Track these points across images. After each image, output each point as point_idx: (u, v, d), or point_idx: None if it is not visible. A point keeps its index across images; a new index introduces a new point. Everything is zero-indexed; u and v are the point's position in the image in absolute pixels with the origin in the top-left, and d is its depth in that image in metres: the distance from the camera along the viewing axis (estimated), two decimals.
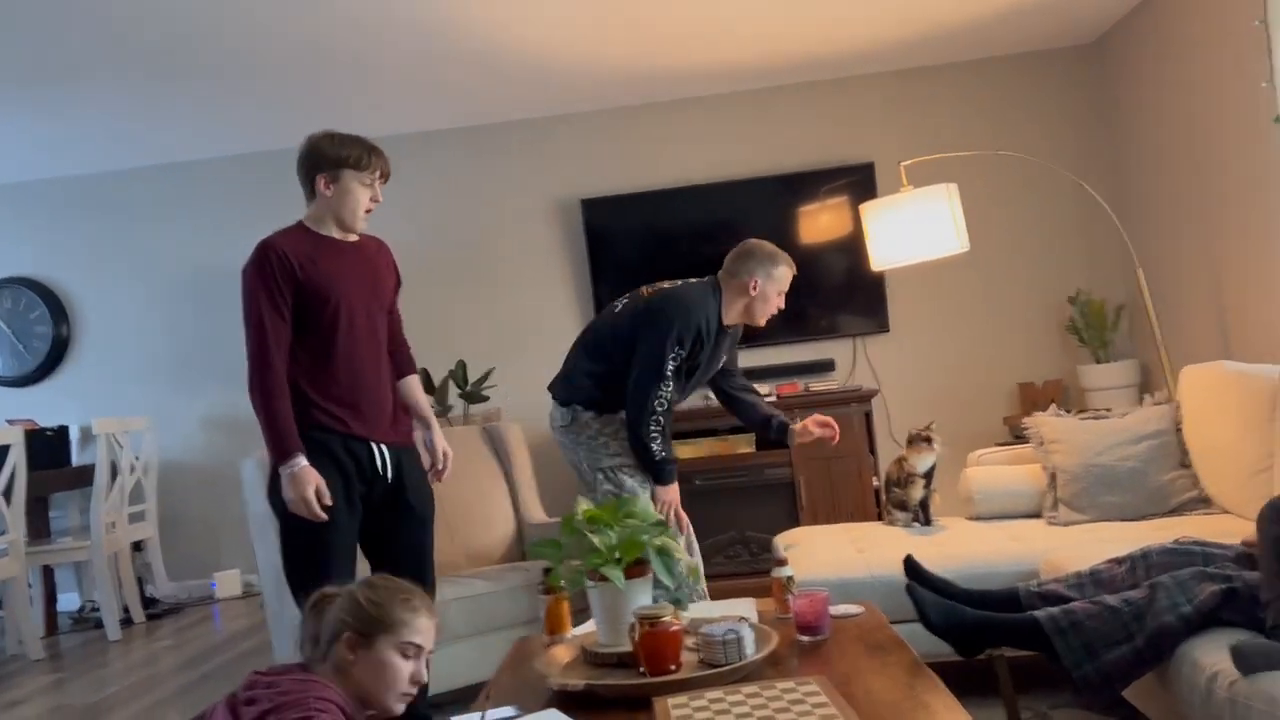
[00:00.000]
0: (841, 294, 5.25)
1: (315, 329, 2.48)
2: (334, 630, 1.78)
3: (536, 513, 3.85)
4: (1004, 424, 5.17)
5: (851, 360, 5.31)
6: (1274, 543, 1.95)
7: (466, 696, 2.96)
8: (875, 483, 4.65)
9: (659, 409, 2.94)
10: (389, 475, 2.56)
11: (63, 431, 5.41)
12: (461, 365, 5.09)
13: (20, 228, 5.77)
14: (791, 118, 5.40)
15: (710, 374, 3.19)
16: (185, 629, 4.82)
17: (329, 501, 2.42)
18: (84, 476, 5.22)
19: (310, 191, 2.56)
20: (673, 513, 3.03)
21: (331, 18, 3.94)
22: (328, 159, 2.51)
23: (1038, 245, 5.26)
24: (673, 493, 3.04)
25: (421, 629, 1.80)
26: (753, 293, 3.04)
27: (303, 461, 2.39)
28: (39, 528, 5.11)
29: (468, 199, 5.56)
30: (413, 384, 2.74)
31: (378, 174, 2.56)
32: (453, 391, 5.16)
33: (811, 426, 3.19)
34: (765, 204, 5.27)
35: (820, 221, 5.26)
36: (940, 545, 3.03)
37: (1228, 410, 3.06)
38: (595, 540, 2.00)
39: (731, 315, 3.08)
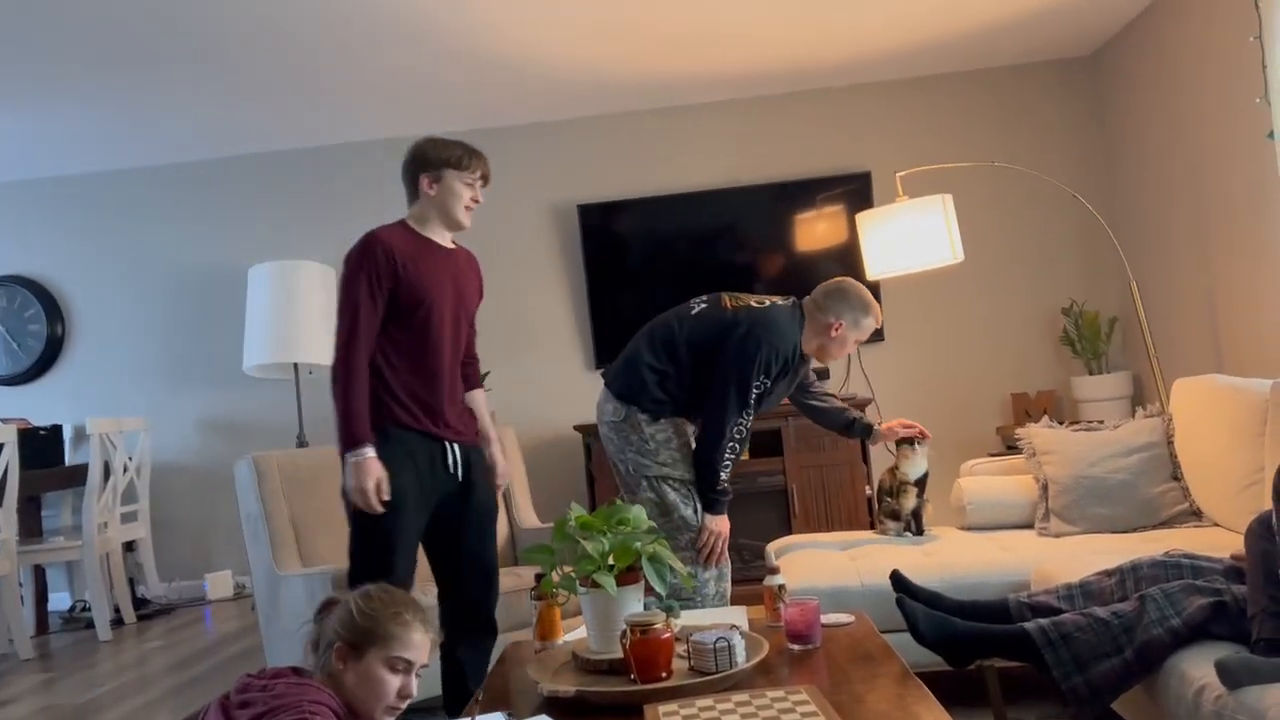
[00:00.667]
0: None
1: (405, 327, 2.53)
2: (329, 639, 1.80)
3: (529, 517, 3.85)
4: (997, 434, 5.19)
5: (846, 368, 5.32)
6: (1261, 557, 1.97)
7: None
8: (868, 491, 4.67)
9: (738, 435, 2.89)
10: (459, 474, 2.59)
11: (56, 431, 5.40)
12: None
13: (16, 226, 5.76)
14: (789, 126, 5.42)
15: (780, 400, 3.13)
16: (176, 630, 4.81)
17: (387, 496, 2.43)
18: (77, 476, 5.22)
19: (414, 192, 2.65)
20: (720, 544, 2.93)
21: (331, 20, 3.95)
22: (431, 160, 2.60)
23: (1032, 256, 5.28)
24: (723, 524, 2.94)
25: (412, 644, 1.80)
26: (833, 334, 2.99)
27: (370, 452, 2.42)
28: (31, 527, 5.11)
29: None
30: (479, 398, 2.78)
31: (478, 175, 2.64)
32: None
33: (897, 428, 3.28)
34: (762, 211, 5.28)
35: (816, 230, 5.27)
36: (932, 555, 3.04)
37: (1219, 424, 3.07)
38: (587, 546, 2.01)
39: (808, 347, 3.03)
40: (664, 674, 1.89)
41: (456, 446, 2.59)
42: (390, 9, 3.88)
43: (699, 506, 2.94)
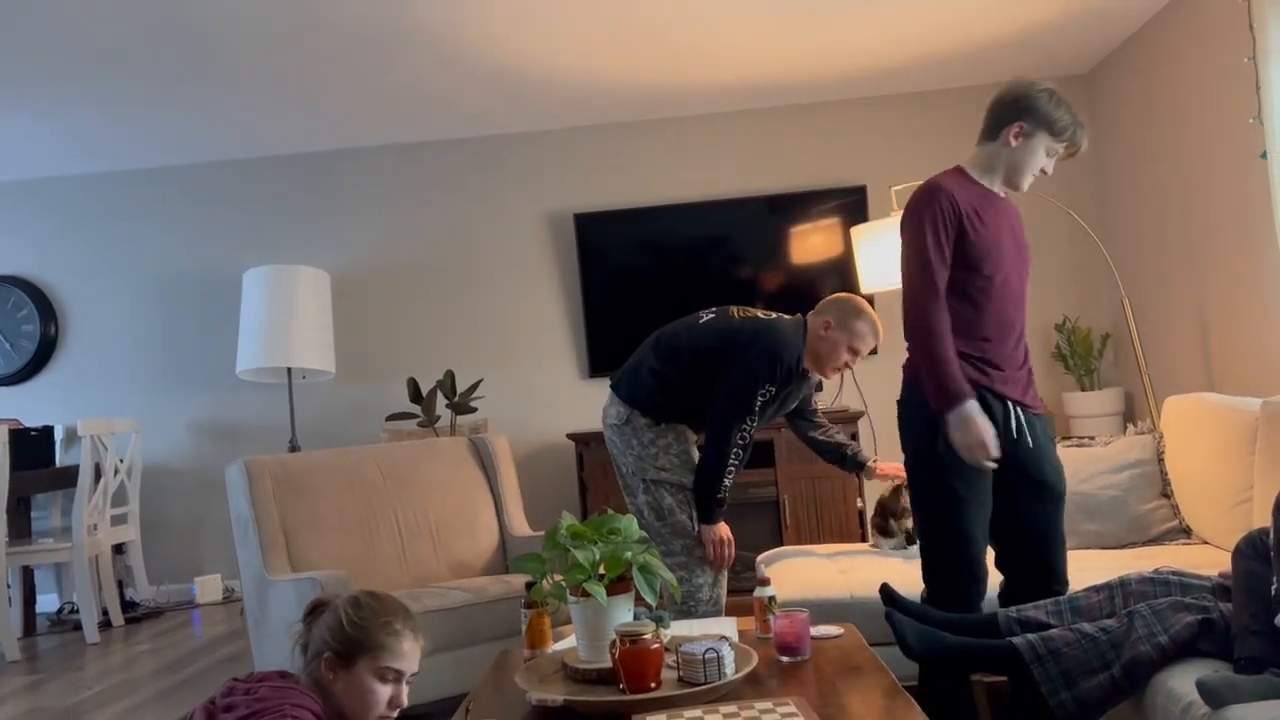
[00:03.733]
0: None
1: (970, 280, 2.38)
2: (317, 647, 1.79)
3: (520, 526, 3.85)
4: None
5: (840, 381, 5.33)
6: (1247, 576, 1.98)
7: (443, 710, 2.96)
8: (859, 504, 4.67)
9: (740, 442, 2.90)
10: (1027, 440, 2.41)
11: (47, 432, 5.39)
12: (450, 375, 5.09)
13: (12, 226, 5.76)
14: (786, 138, 5.44)
15: (783, 412, 3.13)
16: (164, 633, 4.80)
17: (997, 454, 2.30)
18: (67, 478, 5.20)
19: (992, 134, 2.45)
20: (727, 550, 2.97)
21: (332, 26, 3.95)
22: (1033, 112, 2.39)
23: None
24: (720, 531, 2.97)
25: (403, 654, 1.79)
26: (823, 334, 2.96)
27: (975, 406, 2.28)
28: (20, 528, 5.09)
29: (460, 210, 5.58)
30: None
31: (1064, 149, 2.45)
32: (440, 401, 5.17)
33: (887, 469, 3.24)
34: (758, 223, 5.30)
35: (811, 242, 5.29)
36: (919, 569, 3.04)
37: (1209, 442, 3.09)
38: (578, 555, 2.01)
39: (807, 358, 3.00)
40: (653, 684, 1.89)
41: (1020, 410, 2.40)
42: (391, 17, 3.89)
43: (695, 513, 2.97)
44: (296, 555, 3.43)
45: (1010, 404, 2.41)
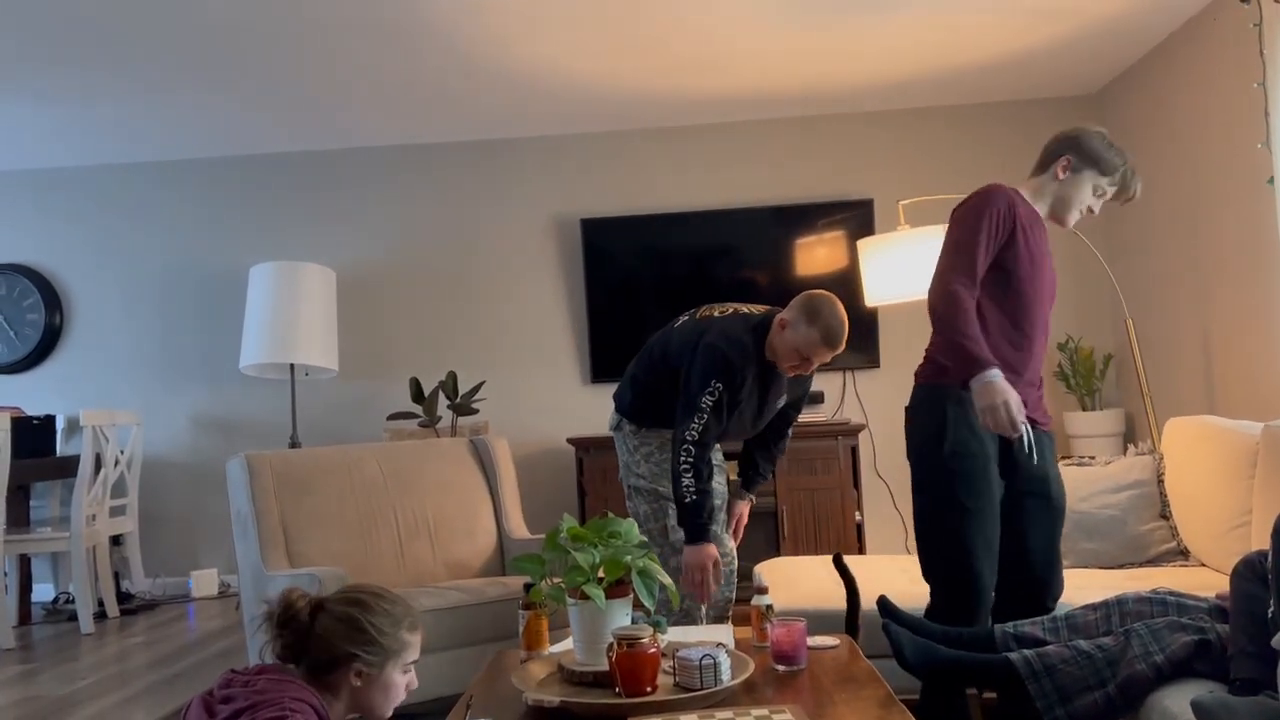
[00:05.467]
0: None
1: (1004, 285, 2.44)
2: (335, 656, 1.77)
3: (519, 528, 3.85)
4: None
5: (841, 394, 5.34)
6: (1244, 599, 1.98)
7: (438, 709, 2.96)
8: (858, 517, 4.67)
9: (689, 439, 2.77)
10: (1033, 456, 2.46)
11: (49, 421, 5.40)
12: (452, 376, 5.10)
13: (20, 214, 5.77)
14: (794, 150, 5.45)
15: (764, 417, 3.00)
16: (158, 626, 4.80)
17: (1022, 418, 2.30)
18: (67, 467, 5.21)
19: (1045, 164, 2.56)
20: (701, 578, 2.76)
21: (340, 24, 3.97)
22: (1085, 150, 2.52)
23: None
24: (701, 555, 2.74)
25: (419, 645, 1.86)
26: (780, 330, 2.83)
27: (997, 374, 2.29)
28: (18, 516, 5.09)
29: (467, 212, 5.59)
30: None
31: (1113, 192, 2.56)
32: (442, 402, 5.17)
33: (739, 520, 3.15)
34: (764, 233, 5.31)
35: (817, 254, 5.30)
36: (920, 582, 3.04)
37: (1209, 464, 3.09)
38: (578, 558, 2.01)
39: (769, 352, 2.88)
40: (649, 688, 1.89)
41: (1026, 425, 2.38)
42: (403, 17, 3.91)
43: (672, 523, 2.93)
44: (295, 551, 3.44)
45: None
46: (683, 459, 2.77)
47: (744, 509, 3.17)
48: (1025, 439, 2.40)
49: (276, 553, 3.40)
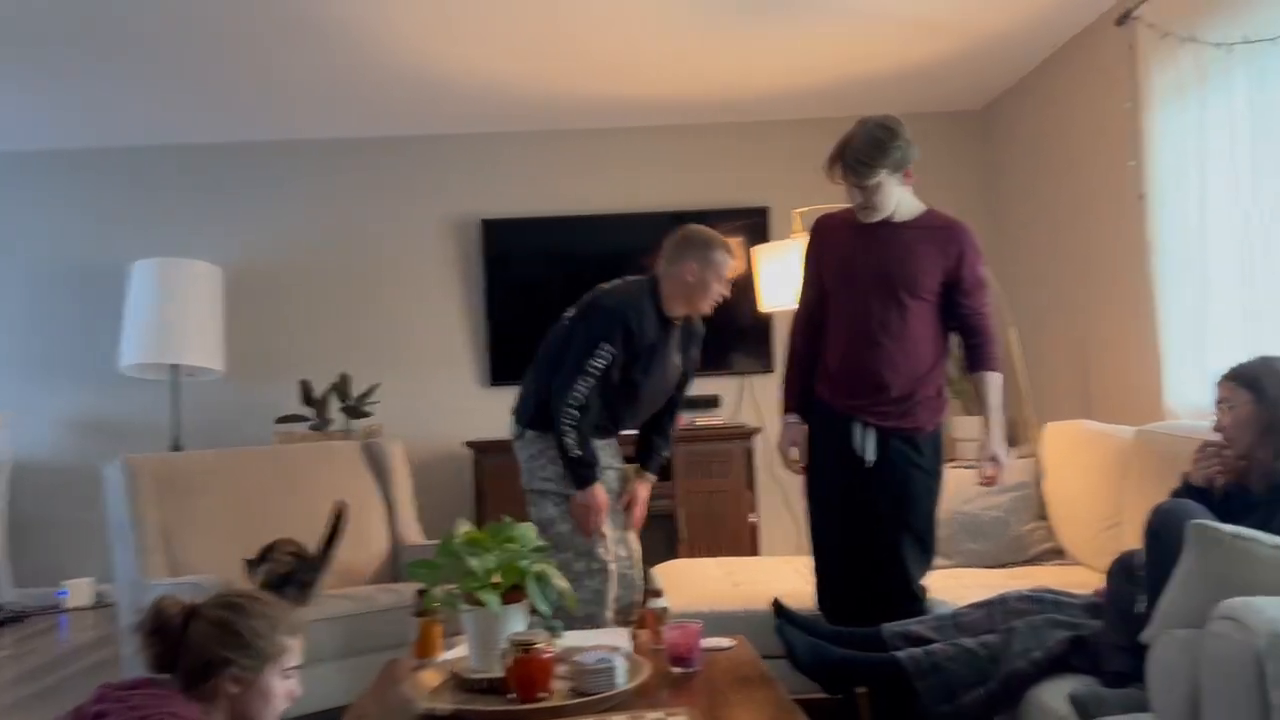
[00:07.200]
0: (731, 332, 5.33)
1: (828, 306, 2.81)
2: (209, 662, 1.70)
3: (413, 534, 3.79)
4: None
5: (737, 397, 5.40)
6: (1116, 596, 2.08)
7: None
8: (753, 518, 4.74)
9: (573, 403, 2.82)
10: (866, 456, 2.72)
11: None
12: (345, 378, 4.99)
13: None
14: (695, 156, 5.50)
15: (670, 381, 3.07)
16: (28, 639, 4.56)
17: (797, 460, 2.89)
18: None
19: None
20: (591, 516, 2.87)
21: (235, 14, 3.84)
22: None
23: None
24: (591, 497, 2.87)
25: (299, 649, 1.78)
26: (690, 280, 2.93)
27: (793, 419, 2.92)
28: None
29: (364, 210, 5.48)
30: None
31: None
32: (334, 405, 5.05)
33: (638, 503, 3.15)
34: (664, 238, 5.32)
35: None
36: (810, 582, 3.10)
37: (1085, 467, 3.23)
38: (473, 563, 1.99)
39: (675, 307, 2.97)
40: (544, 694, 1.88)
41: (861, 426, 2.75)
42: (302, 8, 3.80)
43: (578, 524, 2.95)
44: (176, 559, 3.31)
45: (856, 422, 2.71)
46: (565, 422, 2.85)
47: (644, 490, 3.16)
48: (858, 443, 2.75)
49: (156, 561, 3.26)
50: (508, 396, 5.35)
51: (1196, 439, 2.28)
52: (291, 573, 3.04)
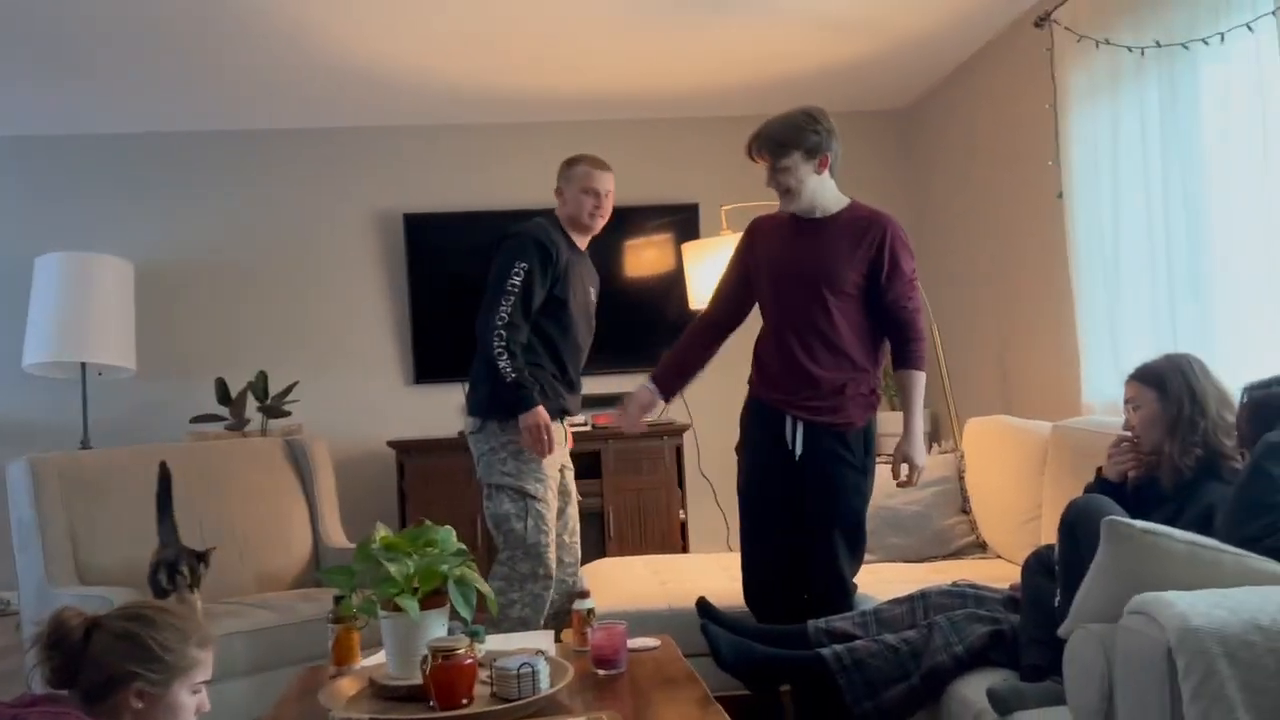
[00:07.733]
0: (661, 329, 5.31)
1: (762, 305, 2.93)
2: (112, 677, 1.63)
3: (337, 536, 3.70)
4: None
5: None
6: (1033, 590, 2.11)
7: None
8: (682, 515, 4.74)
9: (499, 322, 2.97)
10: (795, 449, 2.74)
11: None
12: (262, 376, 4.86)
13: None
14: (623, 152, 5.43)
15: (590, 310, 3.26)
16: None
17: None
18: None
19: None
20: (542, 435, 2.93)
21: (147, 1, 3.71)
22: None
23: None
24: (534, 417, 2.94)
25: (210, 663, 1.72)
26: (567, 199, 3.16)
27: (650, 386, 3.09)
28: None
29: (282, 204, 5.34)
30: None
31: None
32: (251, 404, 4.91)
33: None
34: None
35: (645, 256, 5.34)
36: (739, 580, 3.10)
37: (1004, 461, 3.29)
38: (391, 568, 1.94)
39: (573, 232, 3.19)
40: (465, 700, 1.84)
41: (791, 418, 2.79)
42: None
43: (532, 524, 2.97)
44: (85, 564, 3.18)
45: (788, 415, 2.74)
46: (496, 344, 2.97)
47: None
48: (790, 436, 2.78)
49: (63, 566, 3.14)
50: (432, 394, 5.33)
51: (1111, 434, 2.33)
52: (175, 561, 2.88)
